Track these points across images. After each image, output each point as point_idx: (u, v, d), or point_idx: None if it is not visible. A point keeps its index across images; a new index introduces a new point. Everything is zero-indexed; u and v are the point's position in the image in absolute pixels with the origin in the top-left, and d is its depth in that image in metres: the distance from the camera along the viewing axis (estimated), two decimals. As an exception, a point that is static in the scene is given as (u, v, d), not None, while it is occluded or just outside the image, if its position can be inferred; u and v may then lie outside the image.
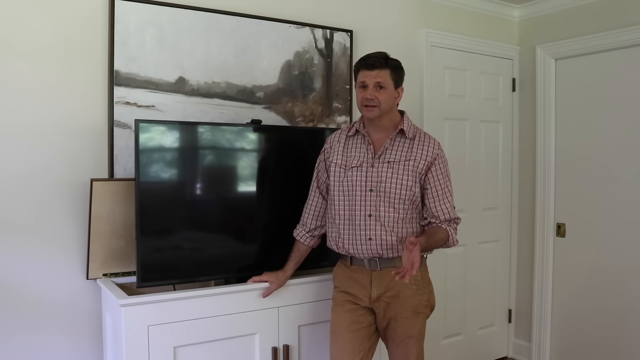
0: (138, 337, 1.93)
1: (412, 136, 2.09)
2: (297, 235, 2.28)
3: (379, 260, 2.08)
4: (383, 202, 2.05)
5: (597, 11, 3.25)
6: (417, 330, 2.08)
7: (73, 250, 2.26)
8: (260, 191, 2.37)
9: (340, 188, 2.11)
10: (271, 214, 2.38)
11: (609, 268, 3.23)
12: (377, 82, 2.01)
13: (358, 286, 2.11)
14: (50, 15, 2.19)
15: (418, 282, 2.08)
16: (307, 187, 2.29)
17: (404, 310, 2.06)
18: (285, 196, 2.41)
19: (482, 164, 3.58)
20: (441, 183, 2.08)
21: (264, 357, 2.19)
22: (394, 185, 2.04)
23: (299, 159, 2.45)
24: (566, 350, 3.46)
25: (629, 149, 3.12)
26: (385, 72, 2.02)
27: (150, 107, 2.38)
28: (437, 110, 3.33)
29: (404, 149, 2.08)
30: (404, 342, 2.07)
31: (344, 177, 2.10)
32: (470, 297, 3.58)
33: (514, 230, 3.77)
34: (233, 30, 2.57)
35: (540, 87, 3.56)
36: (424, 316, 2.12)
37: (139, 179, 2.05)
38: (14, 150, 2.14)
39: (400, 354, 2.09)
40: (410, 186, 2.05)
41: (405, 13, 3.20)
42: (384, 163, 2.07)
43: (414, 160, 2.06)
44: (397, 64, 2.06)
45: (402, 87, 2.09)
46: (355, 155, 2.11)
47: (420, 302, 2.09)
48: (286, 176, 2.42)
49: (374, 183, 2.06)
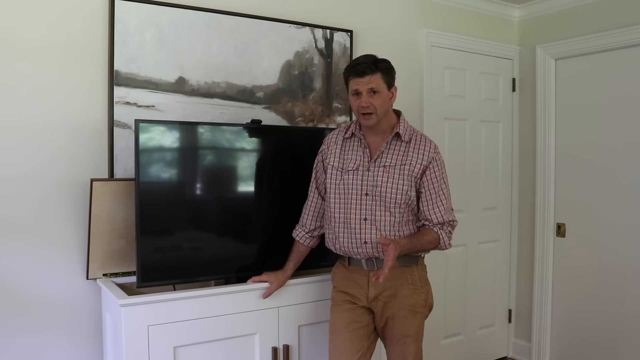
0: (138, 337, 1.93)
1: (408, 139, 2.08)
2: (297, 235, 2.28)
3: (375, 261, 2.08)
4: (379, 206, 2.05)
5: (597, 11, 3.25)
6: (415, 330, 2.08)
7: (73, 250, 2.26)
8: (260, 191, 2.37)
9: (337, 191, 2.11)
10: (271, 214, 2.38)
11: (609, 268, 3.23)
12: (370, 88, 1.98)
13: (356, 286, 2.12)
14: (50, 15, 2.19)
15: (415, 282, 2.09)
16: (307, 187, 2.29)
17: (401, 309, 2.07)
18: (285, 196, 2.41)
19: (482, 164, 3.58)
20: (435, 187, 2.07)
21: (264, 357, 2.19)
22: (390, 189, 2.04)
23: (298, 159, 2.45)
24: (566, 350, 3.46)
25: (629, 149, 3.12)
26: (376, 76, 1.99)
27: (150, 107, 2.38)
28: (437, 110, 3.33)
29: (400, 152, 2.07)
30: (401, 341, 2.07)
31: (340, 181, 2.10)
32: (470, 297, 3.58)
33: (514, 230, 3.77)
34: (233, 30, 2.57)
35: (540, 87, 3.56)
36: (422, 316, 2.12)
37: (139, 179, 2.05)
38: (14, 150, 2.14)
39: (398, 353, 2.09)
40: (406, 190, 2.04)
41: (405, 13, 3.20)
42: (379, 167, 2.06)
43: (410, 164, 2.05)
44: (387, 65, 2.03)
45: (395, 86, 2.07)
46: (351, 158, 2.11)
47: (418, 301, 2.09)
48: (286, 176, 2.42)
49: (370, 187, 2.05)
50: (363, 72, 1.98)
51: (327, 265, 2.40)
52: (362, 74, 1.98)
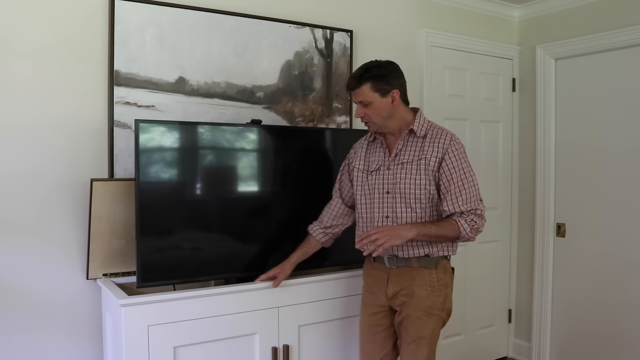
0: (138, 337, 1.93)
1: (423, 134, 2.09)
2: (311, 229, 2.31)
3: (396, 259, 2.10)
4: (399, 203, 2.07)
5: (597, 11, 3.25)
6: (429, 332, 2.06)
7: (73, 250, 2.26)
8: (259, 191, 2.37)
9: (362, 192, 2.16)
10: (270, 214, 2.38)
11: (609, 268, 3.23)
12: (359, 101, 2.06)
13: (377, 283, 2.17)
14: (50, 16, 2.19)
15: (433, 284, 2.08)
16: (307, 186, 2.30)
17: (416, 310, 2.06)
18: (285, 196, 2.41)
19: (482, 164, 3.58)
20: (453, 177, 2.02)
21: (264, 357, 2.19)
22: (408, 185, 2.05)
23: (299, 158, 2.45)
24: (566, 350, 3.46)
25: (629, 149, 3.12)
26: (362, 89, 2.02)
27: (150, 107, 2.38)
28: (437, 110, 3.33)
29: (417, 148, 2.08)
30: (415, 342, 2.06)
31: (365, 182, 2.16)
32: (470, 297, 3.58)
33: (514, 230, 3.77)
34: (233, 30, 2.57)
35: (540, 87, 3.56)
36: (438, 319, 2.09)
37: (139, 179, 2.05)
38: (14, 150, 2.14)
39: (411, 353, 2.07)
40: (424, 184, 2.04)
41: (405, 13, 3.20)
42: (398, 165, 2.09)
43: (425, 158, 2.05)
44: (376, 73, 2.02)
45: (395, 89, 2.05)
46: (374, 159, 2.16)
47: (435, 303, 2.07)
48: (286, 176, 2.42)
49: (390, 185, 2.09)
50: (349, 87, 2.08)
51: (329, 265, 2.41)
52: (349, 88, 2.09)
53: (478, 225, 2.03)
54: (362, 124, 2.87)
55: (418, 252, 2.06)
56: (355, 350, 2.39)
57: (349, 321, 2.40)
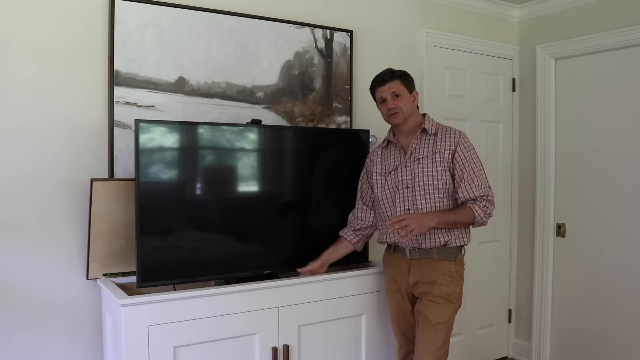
0: (138, 337, 1.93)
1: (434, 132, 2.30)
2: (342, 233, 2.47)
3: (418, 250, 2.27)
4: (419, 196, 2.25)
5: (597, 11, 3.25)
6: (447, 319, 2.22)
7: (73, 250, 2.26)
8: (259, 191, 2.37)
9: (384, 191, 2.35)
10: (270, 214, 2.38)
11: (609, 268, 3.23)
12: (392, 92, 2.27)
13: (399, 273, 2.33)
14: (50, 17, 2.19)
15: (452, 274, 2.26)
16: (307, 186, 2.31)
17: (437, 296, 2.22)
18: (285, 196, 2.41)
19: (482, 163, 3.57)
20: (466, 166, 2.25)
21: (263, 357, 2.19)
22: (427, 177, 2.25)
23: (299, 158, 2.45)
24: (566, 350, 3.46)
25: (629, 149, 3.12)
26: (395, 82, 2.28)
27: (150, 107, 2.38)
28: (437, 110, 3.32)
29: (430, 145, 2.29)
30: (432, 327, 2.20)
31: (385, 182, 2.35)
32: (470, 297, 3.57)
33: (514, 230, 3.77)
34: (233, 30, 2.57)
35: (540, 87, 3.56)
36: (455, 307, 2.26)
37: (139, 179, 2.05)
38: (14, 150, 2.14)
39: (428, 337, 2.20)
40: (441, 175, 2.24)
41: (406, 13, 3.20)
42: (414, 161, 2.28)
43: (439, 152, 2.26)
44: (403, 73, 2.32)
45: (415, 90, 2.34)
46: (391, 161, 2.36)
47: (453, 292, 2.24)
48: (286, 176, 2.42)
49: (409, 180, 2.28)
50: (384, 81, 2.29)
51: (330, 265, 2.41)
52: (383, 82, 2.29)
53: (490, 210, 2.27)
54: (362, 125, 2.89)
55: (437, 241, 2.24)
56: (355, 350, 2.40)
57: (349, 321, 2.41)
